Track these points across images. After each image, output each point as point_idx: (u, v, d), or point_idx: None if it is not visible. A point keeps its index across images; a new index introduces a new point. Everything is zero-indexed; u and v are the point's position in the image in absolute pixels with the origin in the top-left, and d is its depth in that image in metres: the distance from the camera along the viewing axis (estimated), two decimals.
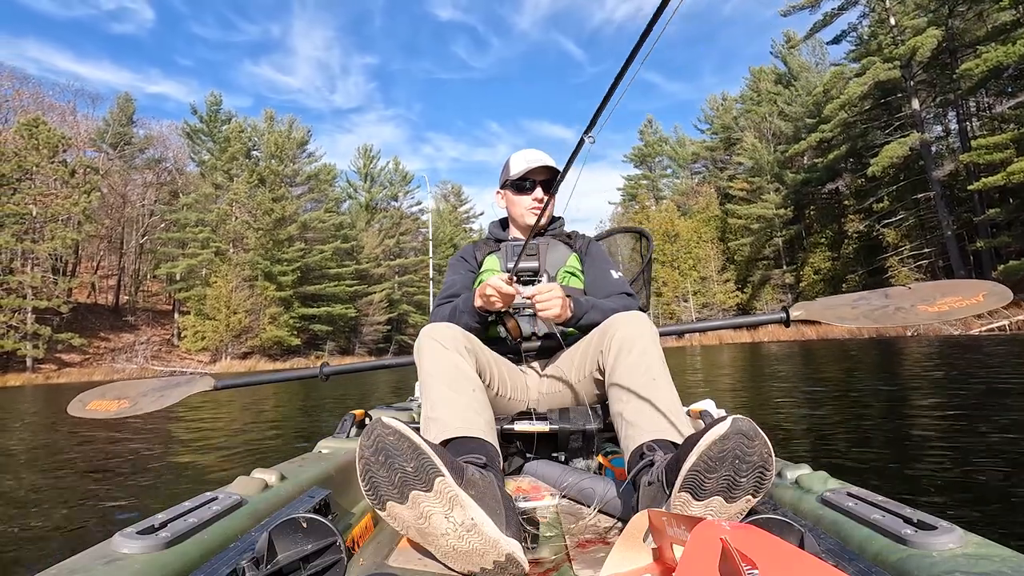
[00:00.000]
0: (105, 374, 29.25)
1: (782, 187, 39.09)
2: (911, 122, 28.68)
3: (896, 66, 27.31)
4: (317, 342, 39.02)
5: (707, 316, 38.64)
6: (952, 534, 0.71)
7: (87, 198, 32.35)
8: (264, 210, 37.15)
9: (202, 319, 34.60)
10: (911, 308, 1.68)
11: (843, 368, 8.64)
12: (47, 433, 5.57)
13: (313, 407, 6.84)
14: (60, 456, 4.13)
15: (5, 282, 29.46)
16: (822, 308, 1.85)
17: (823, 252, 36.17)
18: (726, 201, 44.55)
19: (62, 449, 4.50)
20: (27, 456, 4.26)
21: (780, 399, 5.32)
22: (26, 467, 3.74)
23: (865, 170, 29.36)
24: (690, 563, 0.60)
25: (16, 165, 30.31)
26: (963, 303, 1.64)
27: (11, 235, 29.39)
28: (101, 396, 2.38)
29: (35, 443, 4.89)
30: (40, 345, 29.34)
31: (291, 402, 7.60)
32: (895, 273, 28.94)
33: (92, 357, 32.52)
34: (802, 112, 36.87)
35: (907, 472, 2.41)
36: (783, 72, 41.88)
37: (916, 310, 1.68)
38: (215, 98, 40.47)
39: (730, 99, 48.56)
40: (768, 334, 28.90)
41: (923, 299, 1.71)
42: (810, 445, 3.10)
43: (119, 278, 40.77)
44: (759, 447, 0.83)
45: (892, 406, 4.43)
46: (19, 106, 37.49)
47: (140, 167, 42.58)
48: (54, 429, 5.76)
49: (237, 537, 0.86)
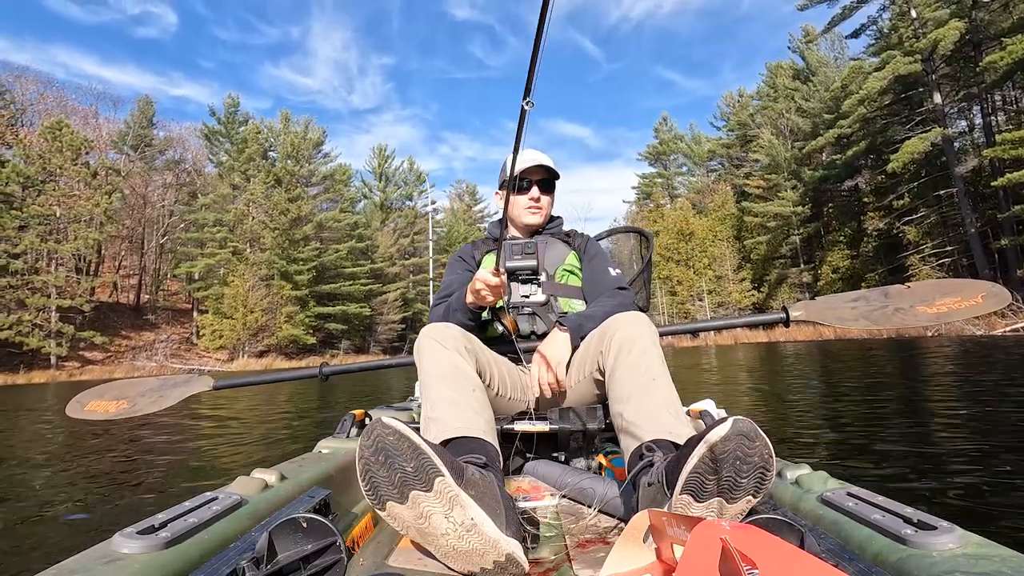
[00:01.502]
0: (126, 371, 29.87)
1: (800, 184, 38.50)
2: (933, 117, 28.04)
3: (917, 60, 26.72)
4: (332, 341, 39.40)
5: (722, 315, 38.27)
6: (952, 534, 0.71)
7: (108, 199, 33.03)
8: (280, 210, 37.62)
9: (220, 318, 35.13)
10: (910, 309, 1.68)
11: (852, 368, 8.51)
12: (52, 432, 5.56)
13: (313, 407, 6.83)
14: (61, 456, 4.12)
15: (30, 281, 30.18)
16: (822, 308, 1.84)
17: (842, 250, 35.55)
18: (742, 199, 43.99)
19: (63, 448, 4.50)
20: (28, 455, 4.27)
21: (781, 399, 5.27)
22: (27, 466, 3.74)
23: (885, 166, 28.75)
24: (690, 563, 0.61)
25: (40, 167, 31.08)
26: (962, 304, 1.64)
27: (36, 236, 30.14)
28: (100, 396, 2.38)
29: (38, 442, 4.89)
30: (64, 343, 30.09)
31: (291, 402, 7.59)
32: (916, 272, 28.29)
33: (114, 355, 33.20)
34: (820, 108, 36.24)
35: (907, 472, 2.38)
36: (801, 67, 41.22)
37: (915, 311, 1.67)
38: (232, 100, 41.03)
39: (746, 95, 47.94)
40: (785, 334, 28.53)
41: (922, 299, 1.71)
42: (810, 445, 3.08)
43: (140, 277, 41.56)
44: (760, 448, 0.83)
45: (895, 406, 4.37)
46: (43, 110, 38.49)
47: (160, 168, 43.36)
48: (59, 428, 5.76)
49: (237, 537, 0.87)
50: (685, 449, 0.91)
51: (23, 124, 36.00)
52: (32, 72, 39.92)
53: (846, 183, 36.23)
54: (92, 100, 45.61)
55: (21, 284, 29.88)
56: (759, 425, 0.84)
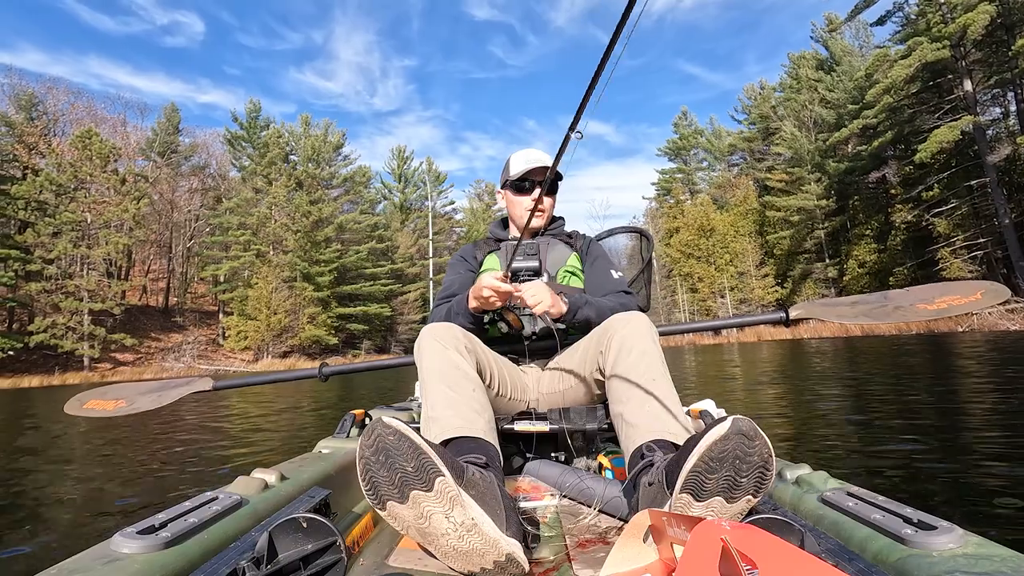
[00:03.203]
0: (155, 372, 30.71)
1: (824, 177, 37.62)
2: (963, 104, 27.14)
3: (946, 45, 25.89)
4: (354, 341, 39.88)
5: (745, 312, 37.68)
6: (952, 534, 0.71)
7: (137, 205, 33.99)
8: (302, 212, 38.20)
9: (244, 319, 35.83)
10: (910, 307, 1.71)
11: (864, 366, 8.34)
12: (55, 431, 5.63)
13: (313, 407, 6.83)
14: (62, 455, 4.15)
15: (64, 286, 31.24)
16: (822, 307, 1.87)
17: (868, 244, 34.61)
18: (764, 193, 43.20)
19: (64, 448, 4.54)
20: (30, 454, 4.31)
21: (782, 398, 5.22)
22: (28, 465, 3.77)
23: (913, 157, 27.91)
24: (690, 563, 0.61)
25: (72, 175, 32.16)
26: (961, 301, 1.68)
27: (68, 241, 31.18)
28: (100, 396, 2.39)
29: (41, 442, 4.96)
30: (96, 345, 31.07)
31: (291, 402, 7.60)
32: (947, 265, 27.41)
33: (144, 356, 34.15)
34: (845, 98, 35.37)
35: (908, 472, 2.37)
36: (824, 57, 40.30)
37: (915, 308, 1.70)
38: (254, 105, 41.80)
39: (768, 88, 47.07)
40: (811, 330, 28.03)
41: (921, 299, 1.74)
42: (810, 445, 3.06)
43: (168, 280, 42.65)
44: (759, 447, 0.83)
45: (897, 406, 4.30)
46: (74, 119, 39.70)
47: (186, 174, 44.41)
48: (63, 428, 5.82)
49: (237, 537, 0.87)
50: (685, 449, 0.91)
51: (55, 134, 37.29)
52: (63, 83, 41.28)
53: (872, 175, 35.23)
54: (120, 109, 47.29)
55: (55, 288, 30.97)
56: (759, 425, 0.84)
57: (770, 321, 1.85)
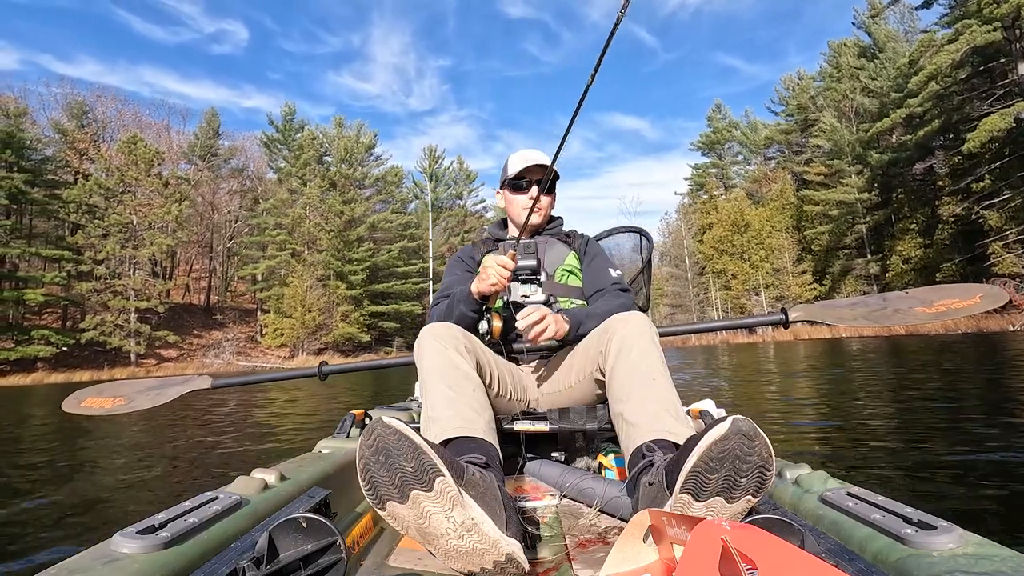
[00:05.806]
0: (196, 368, 31.95)
1: (866, 169, 36.23)
2: (1017, 90, 25.72)
3: (997, 28, 24.57)
4: (386, 338, 40.56)
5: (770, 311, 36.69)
6: (952, 534, 0.71)
7: (179, 207, 35.39)
8: (335, 212, 39.06)
9: (280, 317, 36.86)
10: (909, 310, 1.70)
11: (868, 367, 8.16)
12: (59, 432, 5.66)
13: (313, 407, 6.81)
14: (62, 455, 4.17)
15: (112, 285, 32.78)
16: (822, 309, 1.88)
17: (914, 239, 33.18)
18: (802, 187, 41.89)
19: (65, 448, 4.56)
20: (31, 454, 4.33)
21: (783, 398, 5.17)
22: (28, 466, 3.79)
23: (961, 146, 26.56)
24: (690, 563, 0.61)
25: (119, 179, 33.72)
26: (960, 304, 1.69)
27: (116, 243, 32.74)
28: (98, 394, 2.42)
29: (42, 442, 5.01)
30: (141, 342, 32.61)
31: (291, 402, 7.60)
32: (998, 260, 26.02)
33: (186, 352, 35.56)
34: (888, 86, 33.92)
35: (908, 472, 2.34)
36: (867, 44, 38.74)
37: (914, 311, 1.70)
38: (289, 108, 42.90)
39: (807, 77, 45.57)
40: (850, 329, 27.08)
41: (921, 302, 1.73)
42: (810, 445, 3.03)
43: (209, 280, 44.19)
44: (759, 447, 0.83)
45: (898, 405, 4.23)
46: (121, 125, 41.54)
47: (225, 176, 45.93)
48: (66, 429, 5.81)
49: (237, 537, 0.88)
50: (685, 449, 0.91)
51: (103, 140, 39.07)
52: (111, 91, 43.16)
53: (918, 166, 33.74)
54: (164, 114, 48.93)
55: (104, 288, 32.55)
56: (760, 425, 0.84)
57: (769, 323, 1.86)
